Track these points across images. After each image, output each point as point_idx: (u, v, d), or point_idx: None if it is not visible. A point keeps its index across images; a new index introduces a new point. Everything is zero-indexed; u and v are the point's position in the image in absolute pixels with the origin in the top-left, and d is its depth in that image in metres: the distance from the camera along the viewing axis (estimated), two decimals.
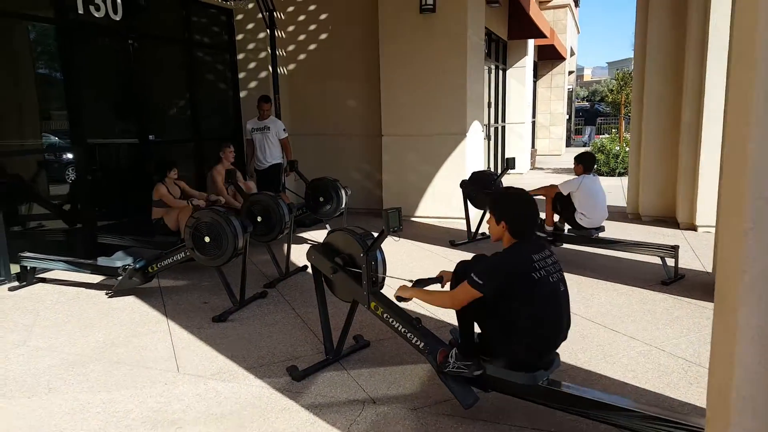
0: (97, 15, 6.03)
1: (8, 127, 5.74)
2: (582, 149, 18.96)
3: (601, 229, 5.51)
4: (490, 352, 2.63)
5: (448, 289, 2.83)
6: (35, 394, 3.17)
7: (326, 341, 3.48)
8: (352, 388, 3.15)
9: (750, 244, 1.42)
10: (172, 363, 3.53)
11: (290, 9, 8.66)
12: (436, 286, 2.99)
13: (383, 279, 3.25)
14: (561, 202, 5.58)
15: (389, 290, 3.14)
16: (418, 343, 2.92)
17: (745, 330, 1.47)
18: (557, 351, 2.65)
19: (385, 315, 3.08)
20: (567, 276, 5.44)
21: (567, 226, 5.70)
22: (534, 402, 2.62)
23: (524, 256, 2.50)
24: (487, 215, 2.81)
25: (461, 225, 7.03)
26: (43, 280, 5.35)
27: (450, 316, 4.14)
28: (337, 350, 3.49)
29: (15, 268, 5.26)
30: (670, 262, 4.97)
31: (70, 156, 6.17)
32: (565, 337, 2.61)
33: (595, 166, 13.00)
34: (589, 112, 31.13)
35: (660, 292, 4.66)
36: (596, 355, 3.50)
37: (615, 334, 3.83)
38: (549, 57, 17.80)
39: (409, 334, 2.97)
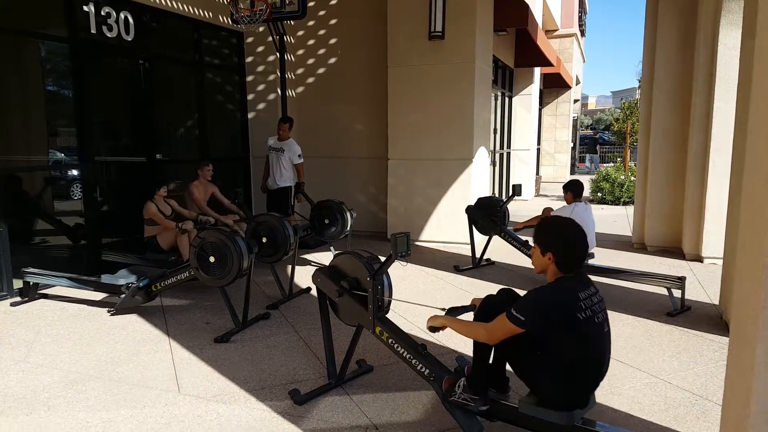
0: (109, 35, 6.13)
1: (16, 143, 5.78)
2: (585, 177, 19.03)
3: (591, 255, 5.41)
4: (529, 388, 2.53)
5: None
6: (34, 412, 3.13)
7: (329, 365, 3.44)
8: (354, 414, 3.10)
9: None
10: (173, 383, 3.49)
11: (300, 33, 8.78)
12: (469, 315, 2.83)
13: (389, 304, 3.22)
14: None
15: (394, 315, 3.11)
16: (423, 369, 2.88)
17: (764, 366, 1.45)
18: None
19: (390, 340, 3.04)
20: None
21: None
22: None
23: (570, 293, 2.33)
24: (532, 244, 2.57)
25: (466, 250, 7.00)
26: (45, 296, 5.33)
27: (456, 343, 4.10)
28: (340, 374, 3.45)
29: (17, 284, 5.25)
30: (677, 293, 4.92)
31: (77, 173, 6.20)
32: (603, 378, 2.48)
33: (599, 194, 13.07)
34: (590, 140, 31.35)
35: (666, 324, 4.61)
36: (602, 386, 3.38)
37: (621, 365, 3.77)
38: (555, 85, 17.96)
39: (414, 361, 2.93)
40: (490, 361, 2.70)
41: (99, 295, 5.25)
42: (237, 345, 4.14)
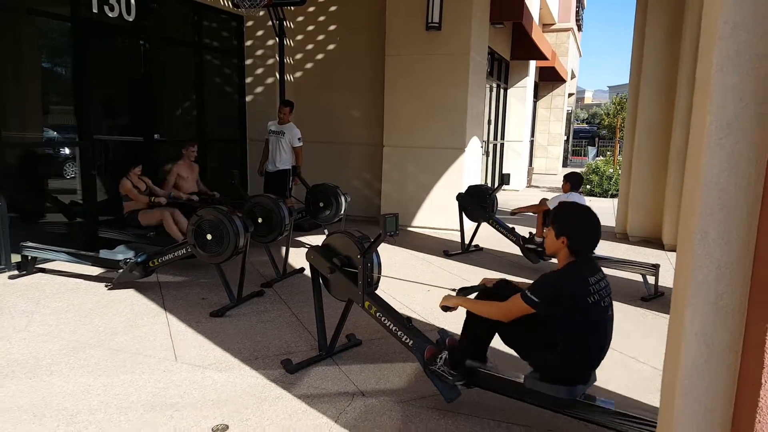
0: (110, 15, 6.23)
1: (16, 120, 5.88)
2: (577, 170, 19.27)
3: None
4: (533, 365, 2.68)
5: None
6: (37, 376, 3.29)
7: (320, 338, 3.61)
8: (342, 382, 3.28)
9: (698, 253, 1.60)
10: (170, 352, 3.65)
11: (300, 18, 8.87)
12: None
13: (378, 280, 3.39)
14: (547, 218, 5.82)
15: (382, 294, 3.27)
16: (407, 340, 3.06)
17: (691, 328, 1.65)
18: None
19: (377, 314, 3.22)
20: None
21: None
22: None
23: (581, 278, 2.47)
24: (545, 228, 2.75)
25: (455, 236, 7.18)
26: (43, 270, 5.45)
27: (440, 321, 4.29)
28: (330, 347, 3.62)
29: (15, 258, 5.38)
30: (651, 279, 5.15)
31: (75, 151, 6.30)
32: (604, 357, 2.63)
33: (588, 186, 13.30)
34: (591, 134, 32.50)
35: (639, 308, 4.84)
36: None
37: None
38: (550, 78, 18.09)
39: (399, 332, 3.11)
40: (474, 339, 2.88)
41: (96, 270, 5.39)
42: (232, 319, 4.31)
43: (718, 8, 1.55)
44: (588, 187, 13.23)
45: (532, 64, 14.46)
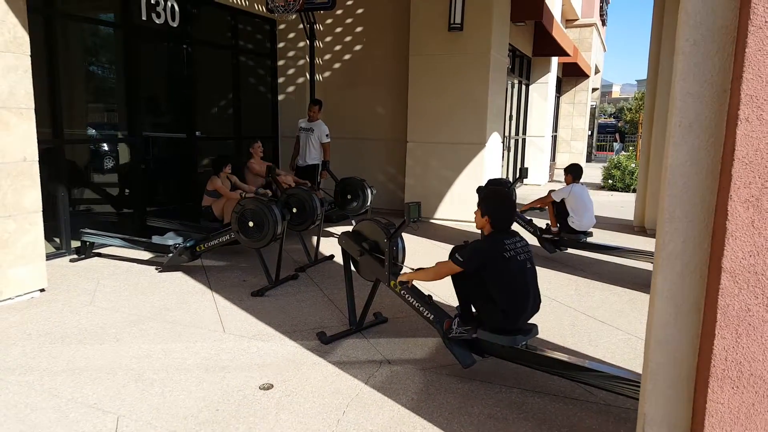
0: (157, 21, 6.76)
1: (72, 119, 6.44)
2: (600, 164, 19.35)
3: (589, 234, 6.10)
4: (479, 320, 3.26)
5: None
6: (106, 342, 3.81)
7: (350, 314, 4.06)
8: (371, 352, 3.72)
9: (667, 229, 1.99)
10: (218, 325, 4.15)
11: (328, 21, 9.33)
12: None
13: (402, 261, 3.82)
14: (557, 209, 6.26)
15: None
16: (429, 315, 3.48)
17: (661, 291, 2.04)
18: (535, 323, 3.24)
19: (402, 292, 3.64)
20: (568, 277, 6.00)
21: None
22: (514, 362, 3.23)
23: (498, 241, 3.15)
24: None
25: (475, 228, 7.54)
26: (99, 255, 6.02)
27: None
28: (360, 322, 4.07)
29: (74, 243, 5.95)
30: None
31: (126, 146, 6.86)
32: (536, 308, 3.21)
33: (610, 181, 13.48)
34: (615, 129, 32.48)
35: (647, 294, 5.15)
36: (582, 339, 4.03)
37: (602, 324, 4.35)
38: (573, 74, 18.24)
39: (421, 308, 3.53)
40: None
41: (146, 255, 5.94)
42: (271, 299, 4.79)
43: (681, 27, 1.92)
44: (610, 182, 13.45)
45: (554, 60, 14.67)
